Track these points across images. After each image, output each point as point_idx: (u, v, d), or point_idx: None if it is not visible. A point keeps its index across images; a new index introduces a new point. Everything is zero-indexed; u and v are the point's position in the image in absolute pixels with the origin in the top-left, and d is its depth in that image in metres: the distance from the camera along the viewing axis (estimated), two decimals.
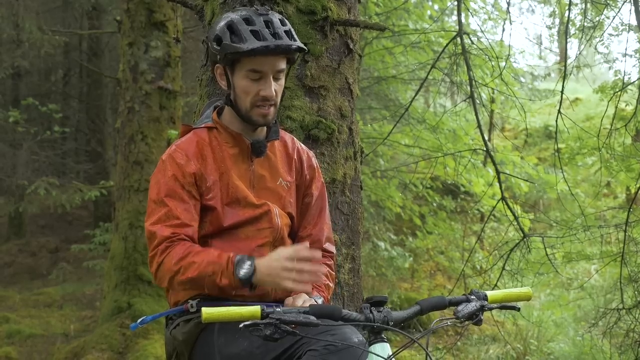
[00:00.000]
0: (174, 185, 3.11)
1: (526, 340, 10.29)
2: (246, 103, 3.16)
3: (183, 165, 3.14)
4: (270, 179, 3.29)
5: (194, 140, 3.25)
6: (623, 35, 18.96)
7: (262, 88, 3.11)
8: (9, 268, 17.65)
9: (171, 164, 3.16)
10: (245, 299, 3.05)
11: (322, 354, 2.72)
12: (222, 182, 3.18)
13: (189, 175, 3.13)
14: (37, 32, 15.23)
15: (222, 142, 3.25)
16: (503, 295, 2.91)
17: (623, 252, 6.98)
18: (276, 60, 3.12)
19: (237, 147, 3.25)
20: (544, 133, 20.97)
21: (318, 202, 3.46)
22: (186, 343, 3.10)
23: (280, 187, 3.31)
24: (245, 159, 3.26)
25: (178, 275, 2.96)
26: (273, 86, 3.13)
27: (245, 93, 3.14)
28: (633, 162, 7.65)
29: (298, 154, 3.45)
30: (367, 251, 13.38)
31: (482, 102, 8.60)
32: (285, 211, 3.31)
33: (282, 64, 3.15)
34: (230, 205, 3.18)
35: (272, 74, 3.12)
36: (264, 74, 3.11)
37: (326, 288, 3.29)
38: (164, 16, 10.54)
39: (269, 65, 3.10)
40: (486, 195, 10.33)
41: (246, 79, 3.12)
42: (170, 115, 10.55)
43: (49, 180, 14.49)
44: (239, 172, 3.23)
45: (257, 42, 3.02)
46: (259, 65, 3.09)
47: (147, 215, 3.15)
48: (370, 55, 12.39)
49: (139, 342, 9.28)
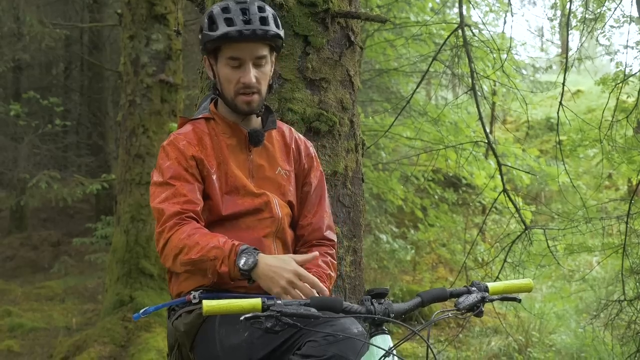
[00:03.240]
0: (177, 168, 3.13)
1: (528, 332, 10.29)
2: (230, 91, 3.20)
3: (184, 150, 3.16)
4: (269, 168, 3.30)
5: (192, 129, 3.27)
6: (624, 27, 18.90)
7: (242, 75, 3.15)
8: (10, 261, 17.67)
9: (173, 149, 3.18)
10: (248, 290, 3.05)
11: (321, 344, 2.72)
12: (220, 172, 3.20)
13: (190, 159, 3.15)
14: (38, 25, 15.20)
15: (220, 133, 3.27)
16: (504, 287, 2.91)
17: (624, 244, 6.98)
18: (254, 47, 3.15)
19: (234, 137, 3.27)
20: (546, 125, 20.96)
21: (317, 190, 3.46)
22: (188, 334, 3.11)
23: (280, 176, 3.32)
24: (244, 149, 3.27)
25: (181, 254, 2.95)
26: (253, 73, 3.15)
27: (227, 81, 3.19)
28: (634, 153, 7.65)
29: (296, 143, 3.47)
30: (369, 244, 13.39)
31: (483, 95, 8.60)
32: (285, 200, 3.32)
33: (261, 50, 3.17)
34: (229, 194, 3.19)
35: (251, 60, 3.15)
36: (243, 61, 3.15)
37: (328, 277, 3.28)
38: (165, 9, 10.53)
39: (247, 52, 3.13)
40: (488, 187, 10.34)
41: (227, 67, 3.17)
42: (171, 108, 10.54)
43: (50, 173, 14.48)
44: (238, 162, 3.24)
45: (226, 27, 3.07)
46: (236, 52, 3.13)
47: (151, 197, 3.16)
48: (372, 48, 12.39)
49: (141, 335, 9.28)
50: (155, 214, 3.11)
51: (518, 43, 16.26)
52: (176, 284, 3.24)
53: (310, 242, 3.38)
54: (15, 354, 10.57)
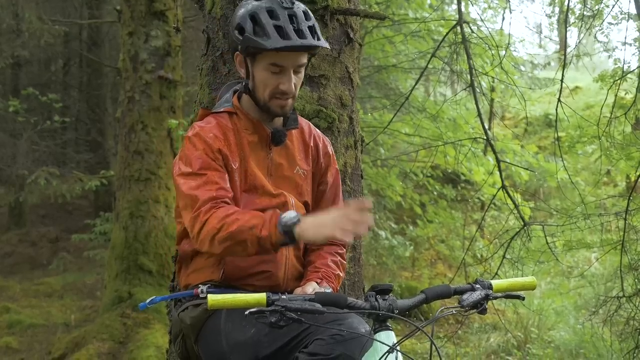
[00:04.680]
0: (206, 159, 3.08)
1: (527, 329, 10.29)
2: (265, 94, 3.15)
3: (212, 143, 3.11)
4: (287, 168, 3.29)
5: (216, 123, 3.22)
6: (623, 23, 18.88)
7: (281, 82, 3.10)
8: (9, 258, 17.68)
9: (199, 141, 3.12)
10: (256, 288, 3.04)
11: (329, 343, 2.72)
12: (241, 169, 3.17)
13: (217, 152, 3.11)
14: (37, 21, 15.20)
15: (242, 129, 3.24)
16: (508, 285, 2.93)
17: (623, 240, 6.98)
18: (298, 56, 3.11)
19: (256, 135, 3.24)
20: (544, 121, 20.94)
21: (332, 189, 3.47)
22: (193, 327, 3.12)
23: (298, 176, 3.32)
24: (264, 147, 3.25)
25: (220, 232, 2.86)
26: (293, 80, 3.11)
27: (264, 85, 3.13)
28: (633, 150, 7.64)
29: (314, 141, 3.45)
30: (368, 240, 13.40)
31: (482, 91, 8.59)
32: (302, 200, 3.31)
33: (303, 58, 3.14)
34: (247, 192, 3.17)
35: (292, 68, 3.11)
36: (285, 69, 3.09)
37: (336, 278, 3.28)
38: (164, 5, 10.52)
39: (291, 61, 3.09)
40: (486, 183, 10.33)
41: (267, 71, 3.11)
42: (170, 104, 10.54)
43: (49, 170, 14.48)
44: (257, 160, 3.22)
45: (281, 40, 2.99)
46: (280, 60, 3.07)
47: (179, 187, 3.07)
48: (371, 45, 12.38)
49: (140, 331, 9.29)
50: (186, 200, 3.02)
51: (516, 40, 16.31)
52: (184, 275, 3.25)
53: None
54: (13, 351, 10.58)
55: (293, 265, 3.23)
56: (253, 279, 3.08)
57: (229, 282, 3.09)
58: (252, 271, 3.11)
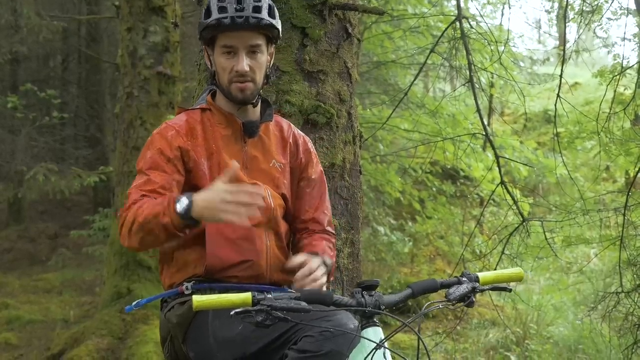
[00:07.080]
0: (158, 159, 3.12)
1: (526, 325, 10.31)
2: (224, 79, 3.21)
3: (170, 140, 3.16)
4: (263, 160, 3.31)
5: (184, 118, 3.28)
6: (622, 19, 18.88)
7: (235, 63, 3.16)
8: (8, 254, 17.68)
9: (159, 139, 3.19)
10: (240, 280, 3.08)
11: (318, 339, 2.71)
12: (212, 162, 3.19)
13: (175, 149, 3.15)
14: (36, 17, 15.20)
15: (215, 123, 3.28)
16: (494, 277, 2.91)
17: (622, 236, 6.98)
18: (248, 36, 3.16)
19: (229, 128, 3.28)
20: (543, 117, 20.97)
21: (318, 187, 3.49)
22: (180, 326, 3.10)
23: (274, 169, 3.33)
24: (238, 140, 3.28)
25: (133, 224, 2.91)
26: (246, 61, 3.15)
27: (222, 69, 3.20)
28: (632, 145, 7.64)
29: (294, 137, 3.49)
30: (367, 236, 13.41)
31: (481, 87, 8.58)
32: (279, 192, 3.32)
33: (255, 39, 3.18)
34: None
35: (244, 49, 3.16)
36: (236, 49, 3.16)
37: (331, 257, 3.32)
38: (163, 1, 10.51)
39: (239, 40, 3.15)
40: (485, 179, 10.33)
41: (222, 55, 3.19)
42: (169, 100, 10.53)
43: (48, 166, 14.47)
44: (231, 153, 3.23)
45: (218, 14, 3.09)
46: (230, 40, 3.15)
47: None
48: (369, 40, 12.38)
49: (138, 327, 9.29)
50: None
51: (516, 35, 16.36)
52: (168, 276, 3.24)
53: (313, 231, 3.40)
54: (12, 347, 10.58)
55: (275, 255, 3.23)
56: (236, 270, 3.08)
57: (212, 274, 3.09)
58: (234, 261, 3.11)
